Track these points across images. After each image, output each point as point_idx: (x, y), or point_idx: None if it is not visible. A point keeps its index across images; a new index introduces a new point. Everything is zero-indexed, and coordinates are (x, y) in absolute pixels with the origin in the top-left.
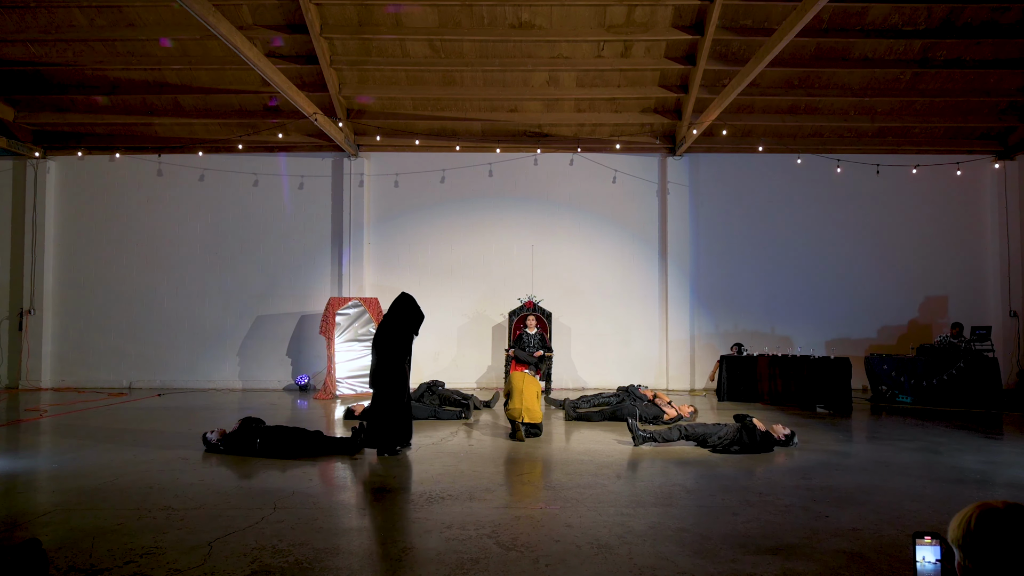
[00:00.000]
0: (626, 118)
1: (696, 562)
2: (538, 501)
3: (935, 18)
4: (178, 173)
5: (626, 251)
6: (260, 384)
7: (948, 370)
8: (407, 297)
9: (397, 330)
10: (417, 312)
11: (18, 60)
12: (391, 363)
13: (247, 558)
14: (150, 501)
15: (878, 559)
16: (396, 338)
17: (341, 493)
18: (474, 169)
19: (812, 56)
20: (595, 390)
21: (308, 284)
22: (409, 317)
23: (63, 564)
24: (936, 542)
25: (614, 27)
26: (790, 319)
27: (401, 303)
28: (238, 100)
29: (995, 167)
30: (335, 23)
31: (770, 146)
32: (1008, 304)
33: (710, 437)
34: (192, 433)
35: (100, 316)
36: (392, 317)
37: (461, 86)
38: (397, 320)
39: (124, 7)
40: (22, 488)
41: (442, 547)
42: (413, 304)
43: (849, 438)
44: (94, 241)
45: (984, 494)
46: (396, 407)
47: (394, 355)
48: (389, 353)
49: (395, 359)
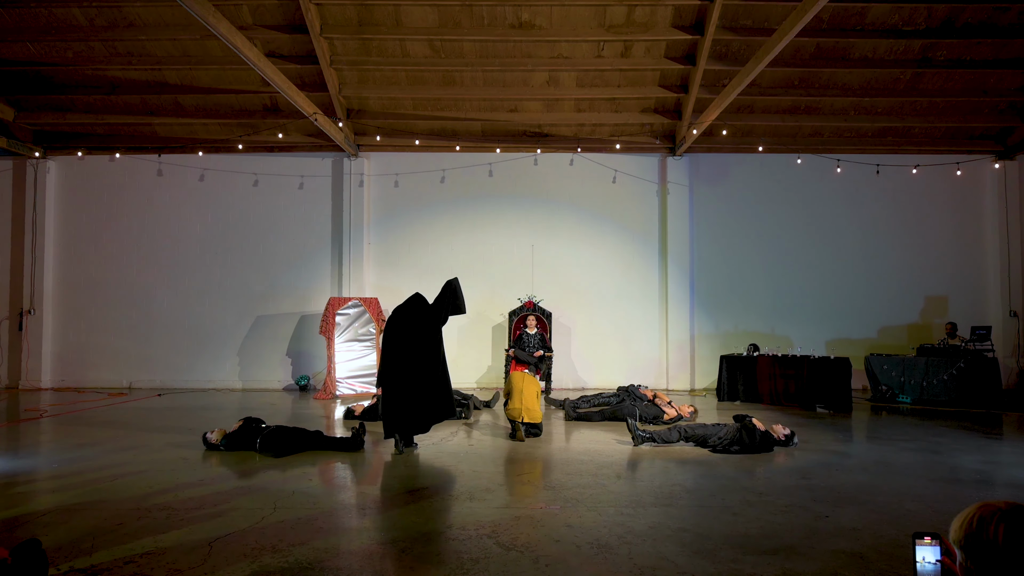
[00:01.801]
0: (626, 118)
1: (696, 562)
2: (538, 501)
3: (935, 18)
4: (178, 173)
5: (626, 251)
6: (260, 384)
7: (948, 370)
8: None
9: (409, 322)
10: (441, 298)
11: (18, 60)
12: (396, 355)
13: (247, 558)
14: (150, 501)
15: (878, 559)
16: (407, 330)
17: (341, 493)
18: (474, 169)
19: (812, 56)
20: (595, 390)
21: (308, 284)
22: (427, 308)
23: (63, 564)
24: (936, 542)
25: (614, 27)
26: (790, 319)
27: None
28: (238, 100)
29: (995, 167)
30: (335, 23)
31: (770, 146)
32: (1008, 304)
33: (710, 438)
34: (192, 433)
35: (100, 316)
36: (407, 310)
37: (461, 86)
38: (410, 312)
39: (124, 7)
40: (22, 488)
41: (442, 547)
42: (438, 298)
43: (849, 438)
44: (94, 241)
45: (984, 494)
46: (393, 396)
47: (401, 347)
48: (395, 345)
49: (401, 351)
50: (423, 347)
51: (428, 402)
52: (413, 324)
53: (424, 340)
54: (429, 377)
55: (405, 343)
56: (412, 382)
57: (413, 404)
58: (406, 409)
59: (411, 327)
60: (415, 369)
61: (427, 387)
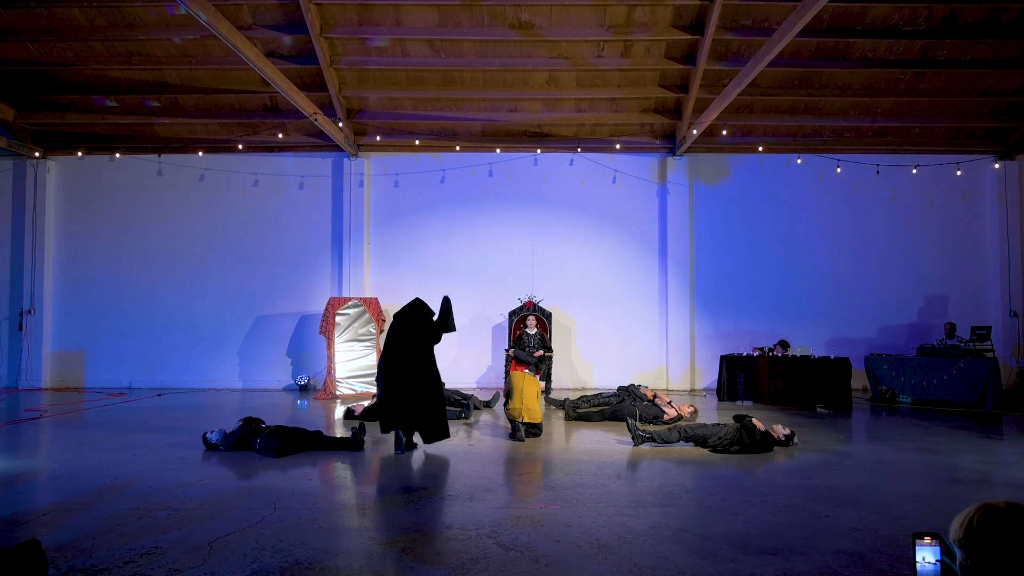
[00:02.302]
0: (626, 118)
1: (696, 562)
2: (538, 501)
3: (935, 18)
4: (178, 173)
5: (626, 251)
6: (260, 384)
7: (948, 370)
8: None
9: (409, 326)
10: (441, 317)
11: (18, 60)
12: (394, 356)
13: (247, 558)
14: (150, 501)
15: (878, 559)
16: (409, 337)
17: (341, 493)
18: (474, 169)
19: (812, 56)
20: (595, 390)
21: (308, 284)
22: (428, 318)
23: (63, 564)
24: (936, 542)
25: (614, 27)
26: (790, 319)
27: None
28: (238, 100)
29: (995, 167)
30: (335, 23)
31: (770, 146)
32: (1008, 304)
33: (710, 438)
34: (192, 433)
35: (100, 316)
36: (409, 314)
37: (461, 86)
38: (412, 317)
39: (124, 7)
40: (22, 488)
41: (442, 547)
42: (439, 311)
43: (849, 438)
44: (94, 241)
45: (984, 494)
46: (387, 395)
47: (399, 352)
48: (394, 347)
49: (399, 355)
50: (419, 352)
51: (420, 406)
52: (412, 329)
53: (420, 347)
54: (422, 382)
55: (403, 345)
56: (407, 382)
57: (406, 403)
58: (400, 406)
59: (410, 332)
60: (410, 371)
61: (420, 392)
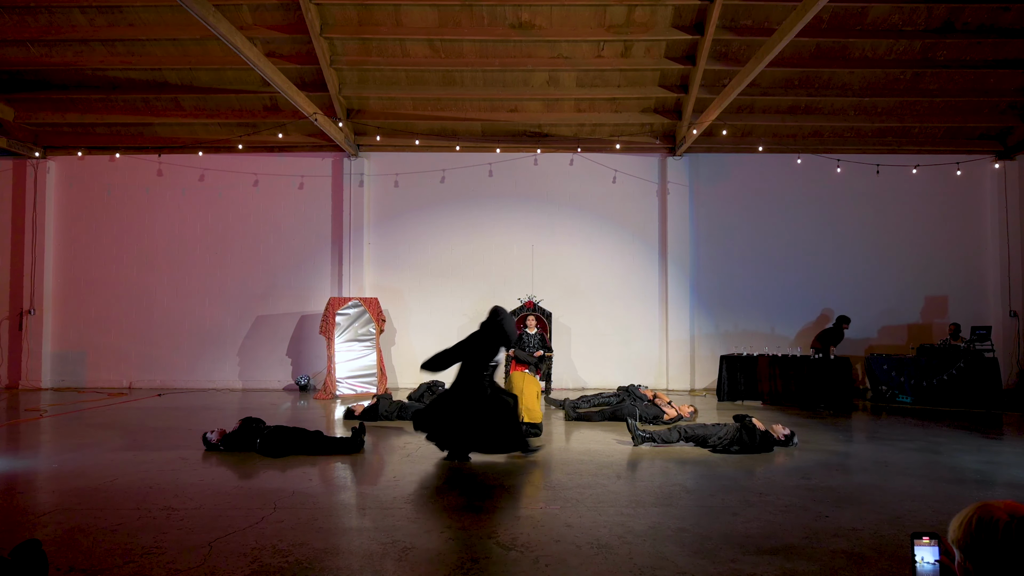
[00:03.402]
0: (626, 118)
1: (696, 562)
2: (538, 501)
3: (935, 18)
4: (178, 173)
5: (626, 251)
6: (260, 384)
7: (948, 370)
8: (497, 320)
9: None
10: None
11: (18, 60)
12: (462, 369)
13: (247, 558)
14: (150, 501)
15: (878, 559)
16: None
17: (341, 493)
18: (474, 169)
19: (812, 56)
20: (595, 390)
21: (308, 284)
22: (494, 339)
23: (63, 564)
24: (935, 542)
25: (614, 27)
26: (790, 319)
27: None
28: (238, 100)
29: (995, 167)
30: (335, 23)
31: (770, 146)
32: (1008, 304)
33: (710, 438)
34: (192, 433)
35: (100, 316)
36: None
37: (461, 86)
38: (486, 337)
39: (124, 7)
40: (22, 488)
41: (442, 547)
42: (500, 327)
43: (849, 438)
44: (94, 241)
45: (984, 494)
46: (440, 406)
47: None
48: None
49: (465, 368)
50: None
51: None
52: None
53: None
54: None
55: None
56: (456, 397)
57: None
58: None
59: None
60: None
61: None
